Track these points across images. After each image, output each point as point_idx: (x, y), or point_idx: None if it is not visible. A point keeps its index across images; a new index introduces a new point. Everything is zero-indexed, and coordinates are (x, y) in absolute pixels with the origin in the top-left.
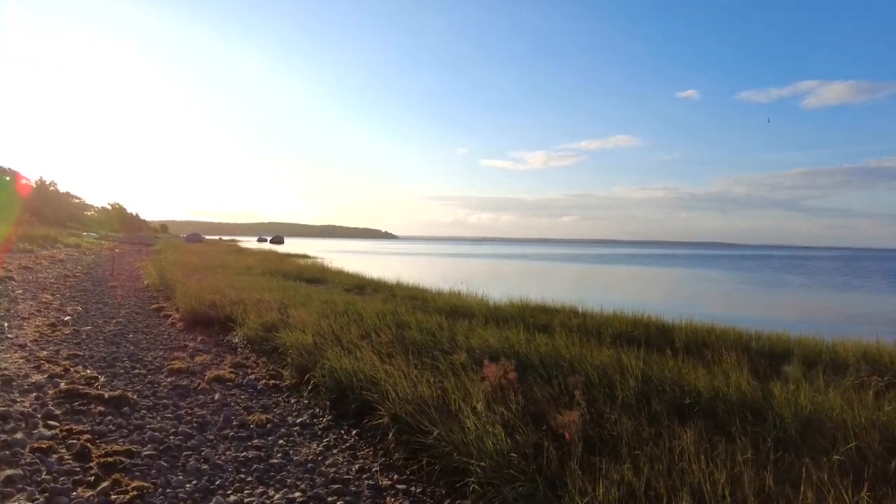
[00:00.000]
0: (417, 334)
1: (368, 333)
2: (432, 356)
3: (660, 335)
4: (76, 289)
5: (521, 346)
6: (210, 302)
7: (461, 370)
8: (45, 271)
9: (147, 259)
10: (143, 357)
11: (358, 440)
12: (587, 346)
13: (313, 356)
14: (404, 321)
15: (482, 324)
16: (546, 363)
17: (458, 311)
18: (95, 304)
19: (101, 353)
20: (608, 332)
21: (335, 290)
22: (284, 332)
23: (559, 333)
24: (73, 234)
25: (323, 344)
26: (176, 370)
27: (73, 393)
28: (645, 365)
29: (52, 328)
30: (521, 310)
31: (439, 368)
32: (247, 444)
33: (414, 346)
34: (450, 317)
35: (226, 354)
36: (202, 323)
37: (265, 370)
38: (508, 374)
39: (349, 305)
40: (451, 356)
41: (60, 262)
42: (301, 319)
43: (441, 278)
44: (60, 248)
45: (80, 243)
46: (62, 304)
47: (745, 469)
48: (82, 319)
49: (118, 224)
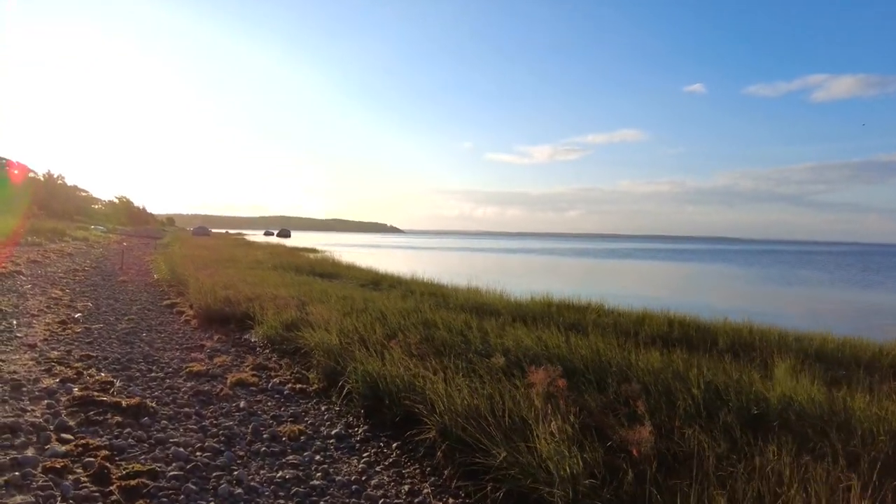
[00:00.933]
0: (446, 334)
1: (395, 333)
2: (467, 359)
3: (700, 336)
4: (86, 283)
5: (561, 348)
6: (224, 298)
7: (502, 376)
8: (54, 265)
9: (155, 253)
10: (158, 358)
11: (401, 456)
12: (628, 348)
13: (340, 358)
14: (429, 320)
15: (509, 322)
16: (592, 368)
17: (482, 308)
18: (106, 300)
19: (114, 353)
20: (644, 332)
21: (350, 285)
22: (307, 332)
23: (593, 333)
24: (80, 227)
25: (349, 345)
26: (195, 373)
27: (88, 400)
28: (698, 370)
29: (62, 326)
30: (546, 307)
31: (478, 373)
32: (281, 460)
33: (444, 348)
34: (474, 315)
35: (246, 355)
36: (217, 320)
37: (289, 373)
38: (557, 382)
39: (369, 302)
40: (490, 359)
41: (69, 255)
42: (322, 317)
43: (454, 273)
44: (69, 242)
45: (87, 237)
46: (72, 299)
47: (852, 497)
48: (93, 316)
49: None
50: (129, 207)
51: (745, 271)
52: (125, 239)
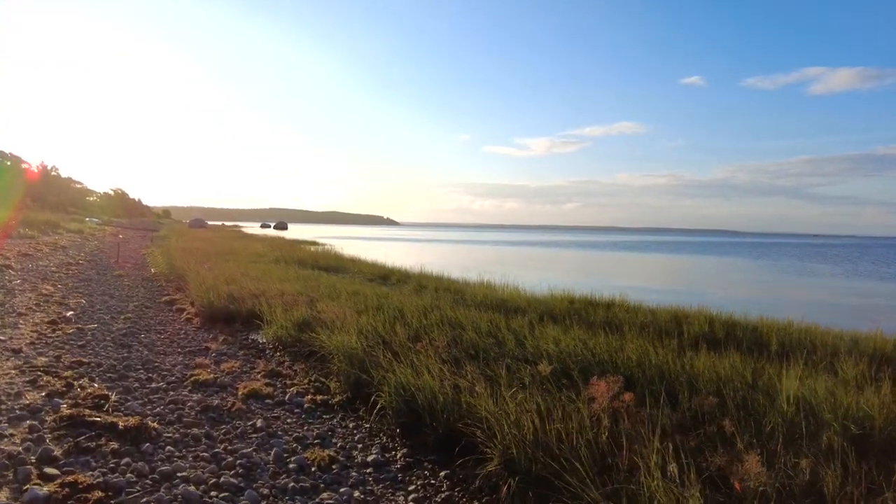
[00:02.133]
0: (474, 336)
1: (418, 335)
2: (507, 367)
3: (747, 336)
4: (79, 278)
5: (605, 352)
6: (228, 294)
7: (552, 386)
8: (47, 259)
9: (152, 245)
10: (159, 364)
11: (453, 489)
12: (676, 351)
13: (363, 364)
14: (452, 319)
15: (536, 321)
16: (649, 376)
17: (502, 305)
18: (101, 296)
19: (109, 359)
20: (687, 331)
21: (358, 280)
22: (322, 333)
23: (630, 334)
24: (75, 219)
25: (371, 348)
26: (202, 383)
27: (79, 421)
28: (768, 378)
29: (52, 326)
30: (568, 303)
31: (522, 382)
32: (314, 499)
33: (475, 351)
34: (495, 312)
35: (256, 360)
36: (221, 319)
37: (306, 381)
38: (623, 395)
39: (382, 299)
40: (533, 366)
41: (62, 248)
42: (335, 316)
43: (460, 267)
44: (62, 234)
45: (82, 229)
46: (64, 296)
47: None
48: (87, 315)
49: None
50: (125, 199)
51: (755, 264)
52: (120, 231)
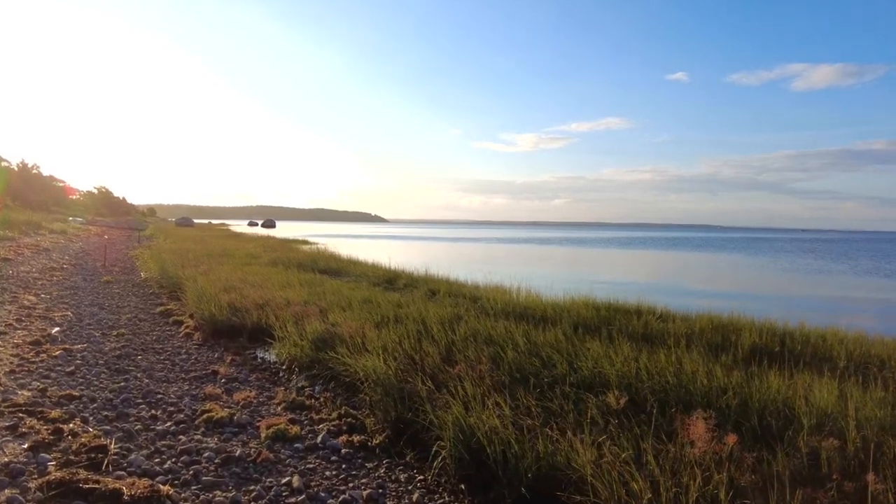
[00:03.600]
0: (515, 354)
1: (450, 354)
2: (564, 395)
3: (808, 349)
4: (64, 286)
5: (674, 375)
6: (230, 304)
7: (629, 422)
8: (28, 263)
9: (140, 246)
10: (163, 396)
11: None
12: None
13: (399, 394)
14: (482, 332)
15: (571, 332)
16: (736, 406)
17: (527, 313)
18: (89, 307)
19: (104, 390)
20: (740, 344)
21: (364, 284)
22: (343, 352)
23: (676, 347)
24: (58, 219)
25: (405, 373)
26: (216, 422)
27: (72, 488)
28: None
29: (35, 349)
30: (594, 310)
31: (589, 415)
32: None
33: (522, 374)
34: (523, 322)
35: (271, 386)
36: (225, 333)
37: (335, 414)
38: (726, 438)
39: (398, 308)
40: (600, 395)
41: (45, 251)
42: (353, 331)
43: (461, 266)
44: (45, 235)
45: (65, 229)
46: (48, 308)
47: None
48: (74, 331)
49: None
50: (109, 198)
51: (756, 261)
52: (105, 231)
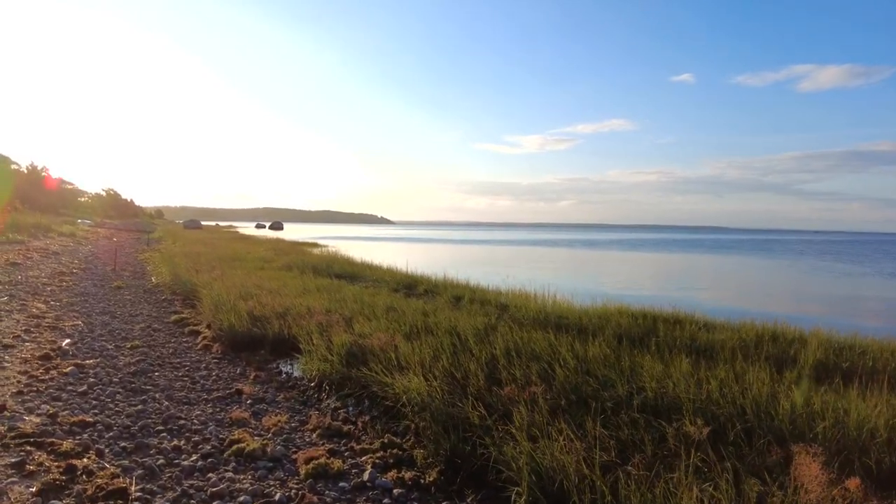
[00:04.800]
0: (565, 372)
1: (493, 371)
2: (633, 422)
3: (881, 364)
4: (74, 292)
5: (749, 397)
6: (248, 313)
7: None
8: (38, 268)
9: (149, 249)
10: (185, 421)
11: None
12: (790, 385)
13: (448, 420)
14: (522, 345)
15: (615, 344)
16: (834, 437)
17: (561, 322)
18: (100, 316)
19: (120, 414)
20: (805, 358)
21: (383, 290)
22: (377, 369)
23: (730, 360)
24: (67, 221)
25: (450, 393)
26: (248, 455)
27: None
28: None
29: (44, 364)
30: (630, 318)
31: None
32: None
33: (579, 396)
34: (559, 332)
35: (302, 407)
36: (246, 345)
37: (377, 443)
38: (847, 483)
39: (426, 317)
40: (672, 422)
41: (55, 254)
42: (383, 343)
43: (477, 270)
44: (54, 238)
45: (74, 232)
46: (58, 316)
47: None
48: (86, 343)
49: (113, 210)
50: (117, 200)
51: (775, 263)
52: (114, 233)
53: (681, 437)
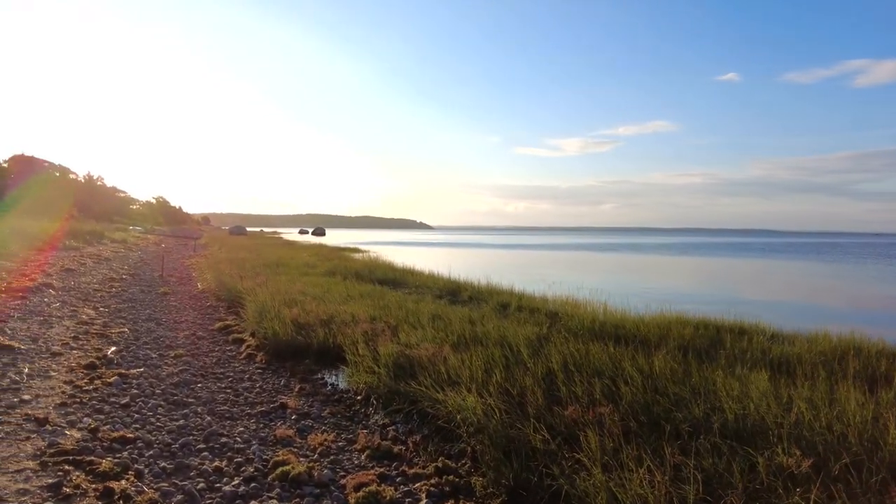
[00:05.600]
0: (632, 390)
1: (551, 387)
2: (716, 449)
3: None
4: (122, 298)
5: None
6: (293, 320)
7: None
8: (89, 274)
9: (195, 255)
10: (227, 439)
11: None
12: None
13: (509, 444)
14: (580, 358)
15: (679, 356)
16: None
17: (618, 333)
18: (146, 323)
19: (161, 430)
20: None
21: (427, 296)
22: (427, 383)
23: (811, 377)
24: (119, 228)
25: (509, 418)
26: (293, 479)
27: None
28: None
29: (89, 374)
30: (692, 329)
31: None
32: None
33: (651, 418)
34: (617, 344)
35: (349, 424)
36: (290, 354)
37: (431, 466)
38: None
39: (472, 326)
40: (762, 451)
41: (106, 260)
42: (431, 354)
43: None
44: (107, 244)
45: (126, 238)
46: (106, 323)
47: None
48: (130, 352)
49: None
50: (166, 207)
51: (834, 267)
52: (163, 240)
53: (774, 468)
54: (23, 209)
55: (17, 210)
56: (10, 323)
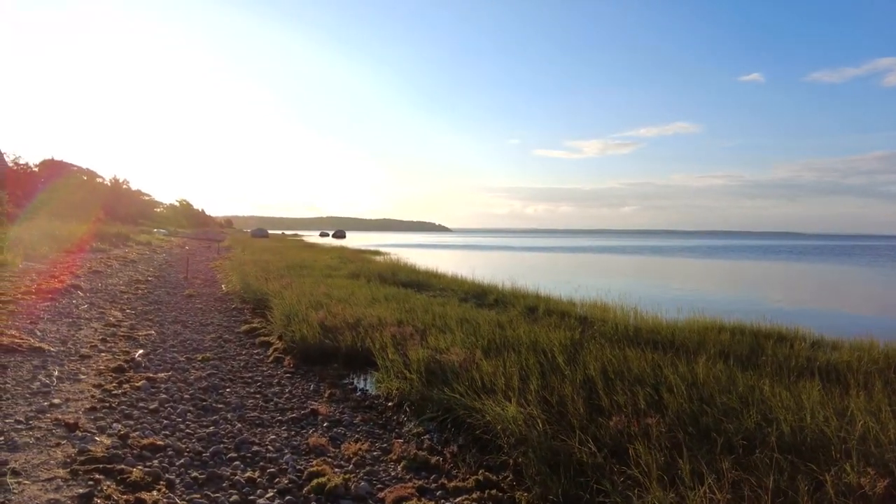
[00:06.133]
0: (670, 397)
1: (592, 396)
2: (776, 465)
3: None
4: (148, 300)
5: None
6: (320, 323)
7: None
8: (116, 276)
9: (219, 258)
10: (259, 448)
11: None
12: None
13: (555, 459)
14: (618, 366)
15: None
16: None
17: (654, 338)
18: (172, 325)
19: (191, 437)
20: None
21: (451, 300)
22: (461, 389)
23: (862, 387)
24: (144, 231)
25: (552, 427)
26: (329, 492)
27: None
28: None
29: (118, 378)
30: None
31: None
32: None
33: (699, 429)
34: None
35: (382, 432)
36: (318, 358)
37: (470, 478)
38: None
39: (502, 330)
40: (832, 467)
41: (132, 262)
42: (463, 359)
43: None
44: (132, 247)
45: (150, 241)
46: (132, 325)
47: None
48: (158, 355)
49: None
50: (189, 210)
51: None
52: (186, 242)
53: (843, 487)
54: (52, 212)
55: (46, 213)
56: (41, 324)
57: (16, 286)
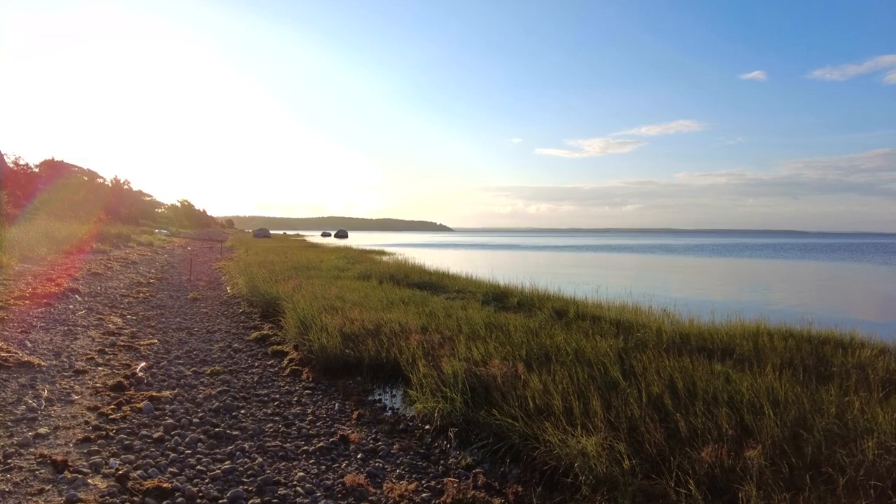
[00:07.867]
0: (754, 419)
1: (665, 418)
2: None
3: None
4: (150, 304)
5: None
6: (339, 330)
7: None
8: (116, 278)
9: (222, 258)
10: (287, 492)
11: None
12: None
13: (648, 499)
14: (681, 379)
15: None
16: None
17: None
18: (176, 332)
19: (204, 478)
20: None
21: (470, 302)
22: (513, 411)
23: None
24: (145, 231)
25: (639, 461)
26: None
27: None
28: None
29: (117, 396)
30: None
31: None
32: None
33: (800, 459)
34: (708, 358)
35: (425, 463)
36: (339, 370)
37: None
38: None
39: (536, 338)
40: None
41: (133, 264)
42: (504, 372)
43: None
44: (133, 247)
45: (152, 241)
46: (134, 333)
47: None
48: (162, 368)
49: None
50: (191, 210)
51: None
52: (189, 243)
53: None
54: (52, 212)
55: (46, 213)
56: (33, 334)
57: (9, 290)
